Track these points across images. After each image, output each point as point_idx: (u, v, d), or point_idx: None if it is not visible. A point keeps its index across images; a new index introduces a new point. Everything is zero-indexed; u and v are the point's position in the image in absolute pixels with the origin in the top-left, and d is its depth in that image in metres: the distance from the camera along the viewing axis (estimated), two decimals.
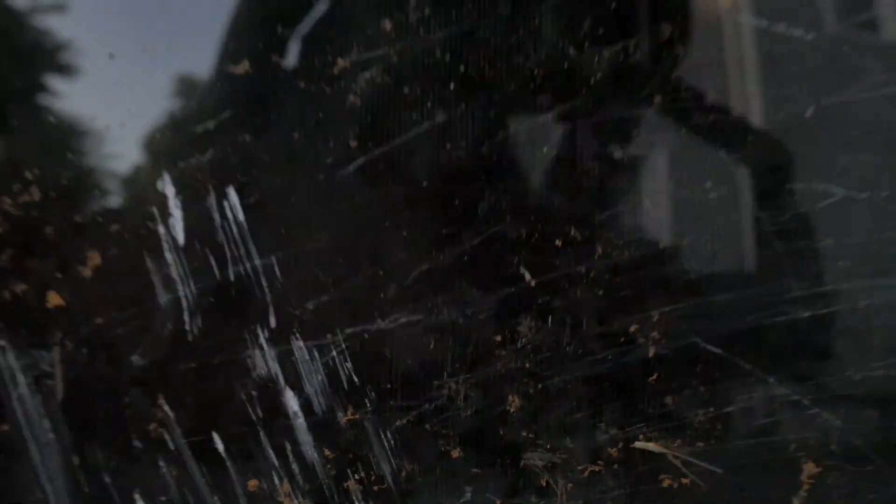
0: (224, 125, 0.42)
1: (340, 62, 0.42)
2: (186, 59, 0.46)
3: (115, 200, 0.44)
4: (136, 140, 0.44)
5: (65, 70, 0.54)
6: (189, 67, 0.46)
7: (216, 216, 0.42)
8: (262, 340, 0.43)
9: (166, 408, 0.42)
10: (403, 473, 0.43)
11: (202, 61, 0.45)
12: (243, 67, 0.42)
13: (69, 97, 0.47)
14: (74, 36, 0.49)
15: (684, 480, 0.40)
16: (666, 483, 0.41)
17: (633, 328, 0.41)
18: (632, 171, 0.41)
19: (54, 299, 0.43)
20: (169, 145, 0.42)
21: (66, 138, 0.46)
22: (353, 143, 0.41)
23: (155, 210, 0.42)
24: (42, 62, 0.52)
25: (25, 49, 0.52)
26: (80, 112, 0.45)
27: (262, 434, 0.42)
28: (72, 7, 0.50)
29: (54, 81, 0.52)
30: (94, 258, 0.43)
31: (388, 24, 0.41)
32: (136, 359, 0.43)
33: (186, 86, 0.47)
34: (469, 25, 0.41)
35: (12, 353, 0.42)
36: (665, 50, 0.40)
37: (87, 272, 0.43)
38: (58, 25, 0.50)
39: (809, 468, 0.40)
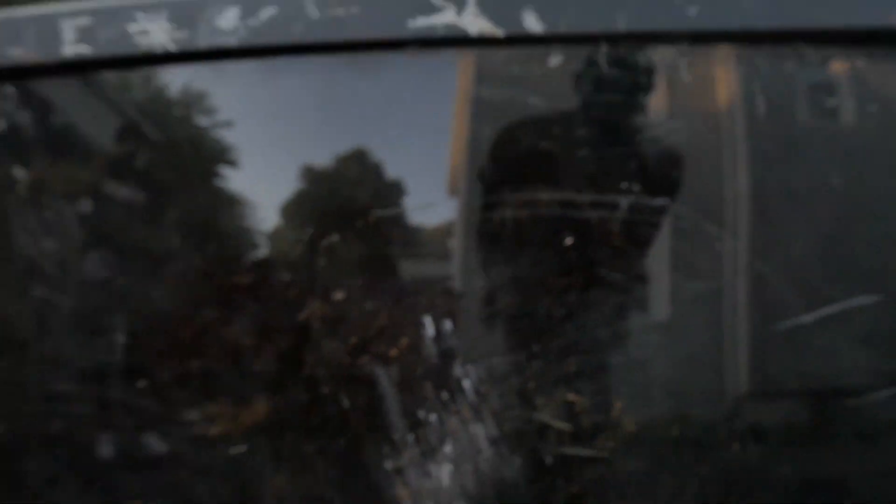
0: None
1: None
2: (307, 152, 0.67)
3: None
4: None
5: (232, 163, 0.68)
6: (311, 160, 0.67)
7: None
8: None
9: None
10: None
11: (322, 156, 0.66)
12: None
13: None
14: (238, 143, 0.68)
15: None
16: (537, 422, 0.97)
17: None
18: None
19: None
20: None
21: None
22: None
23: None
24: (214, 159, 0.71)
25: (208, 154, 0.72)
26: None
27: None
28: (236, 122, 0.69)
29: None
30: None
31: None
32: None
33: (308, 172, 0.70)
34: None
35: None
36: None
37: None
38: (227, 133, 0.69)
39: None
